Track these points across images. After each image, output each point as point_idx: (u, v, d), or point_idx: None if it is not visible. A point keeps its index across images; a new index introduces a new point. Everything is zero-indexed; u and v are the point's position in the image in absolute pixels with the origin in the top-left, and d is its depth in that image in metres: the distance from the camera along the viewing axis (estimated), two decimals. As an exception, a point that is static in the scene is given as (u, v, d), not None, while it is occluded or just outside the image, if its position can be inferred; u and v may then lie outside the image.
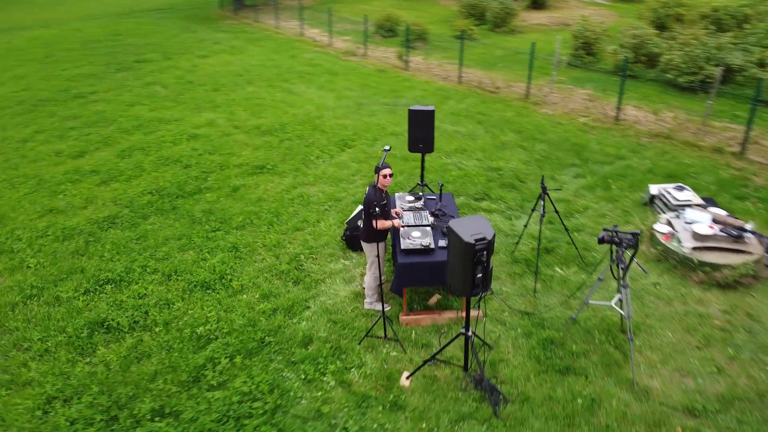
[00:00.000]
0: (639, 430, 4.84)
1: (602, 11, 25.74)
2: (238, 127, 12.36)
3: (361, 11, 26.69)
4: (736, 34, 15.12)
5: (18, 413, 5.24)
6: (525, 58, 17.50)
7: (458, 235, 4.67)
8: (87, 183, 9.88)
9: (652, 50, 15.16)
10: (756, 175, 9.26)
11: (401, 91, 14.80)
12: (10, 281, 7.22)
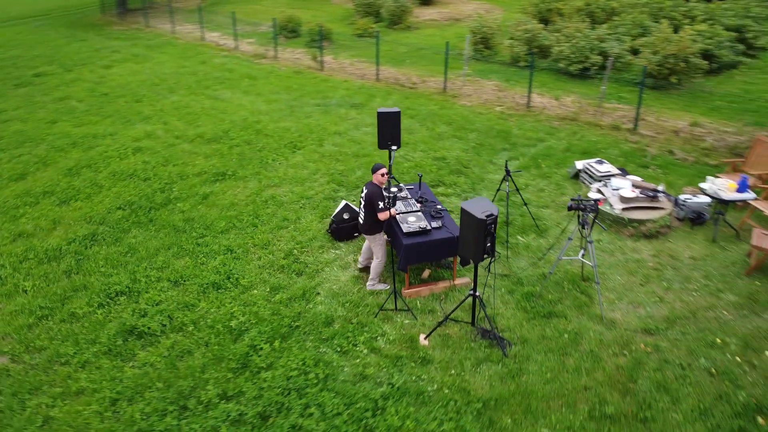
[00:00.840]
0: (614, 351, 6.27)
1: (485, 6, 27.90)
2: (180, 137, 12.63)
3: (252, 12, 26.97)
4: (610, 25, 17.53)
5: (85, 418, 5.68)
6: (428, 54, 19.02)
7: (471, 213, 5.80)
8: (45, 204, 9.88)
9: (543, 43, 17.18)
10: (649, 146, 11.27)
11: (326, 92, 15.63)
12: (12, 305, 7.37)
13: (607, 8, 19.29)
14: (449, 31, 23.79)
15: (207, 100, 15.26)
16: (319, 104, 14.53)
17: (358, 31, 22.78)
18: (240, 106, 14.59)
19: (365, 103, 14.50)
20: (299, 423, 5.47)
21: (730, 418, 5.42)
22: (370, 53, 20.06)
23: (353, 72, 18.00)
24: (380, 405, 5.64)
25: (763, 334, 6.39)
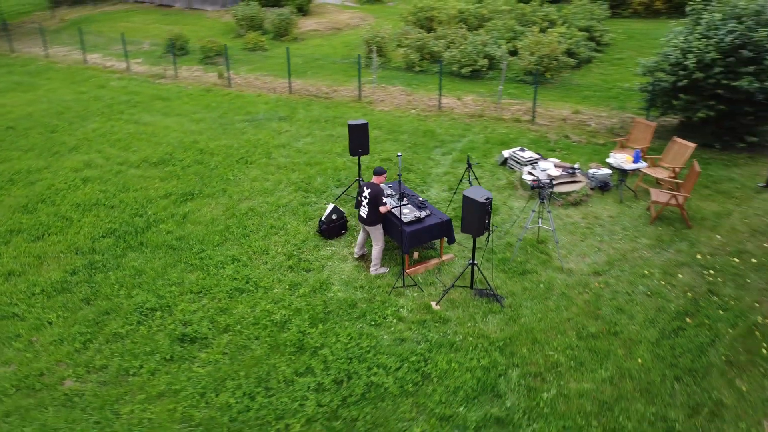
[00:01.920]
0: (579, 291, 8.28)
1: (358, 14, 29.74)
2: (124, 164, 12.92)
3: (123, 30, 26.45)
4: (486, 30, 20.12)
5: (182, 412, 6.54)
6: (325, 64, 20.38)
7: (473, 198, 7.46)
8: (19, 242, 9.98)
9: (433, 49, 19.34)
10: (548, 134, 13.72)
11: (246, 108, 16.45)
12: (46, 337, 7.78)
13: (478, 15, 21.95)
14: (335, 40, 25.30)
15: (129, 124, 15.42)
16: (247, 120, 15.36)
17: (249, 45, 23.49)
18: (168, 128, 14.98)
19: (291, 116, 15.59)
20: (371, 380, 6.79)
21: (669, 321, 7.63)
22: (268, 66, 21.01)
23: (262, 86, 18.87)
24: (426, 356, 7.12)
25: (674, 263, 8.77)
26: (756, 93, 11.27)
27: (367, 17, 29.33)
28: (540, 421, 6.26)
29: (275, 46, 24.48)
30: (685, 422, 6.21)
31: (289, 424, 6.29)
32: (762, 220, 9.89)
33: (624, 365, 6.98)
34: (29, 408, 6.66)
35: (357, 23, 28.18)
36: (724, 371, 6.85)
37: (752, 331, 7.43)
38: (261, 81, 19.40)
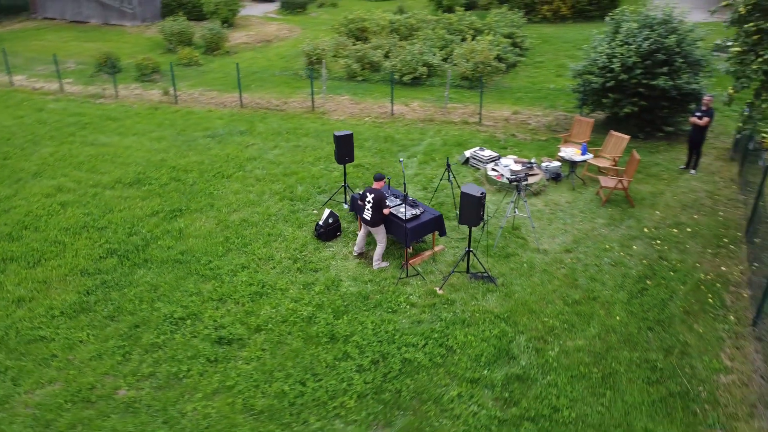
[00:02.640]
0: (556, 267, 9.67)
1: (285, 26, 30.36)
2: (97, 186, 13.07)
3: (38, 49, 25.73)
4: (418, 39, 21.51)
5: (242, 403, 7.25)
6: (265, 76, 20.98)
7: (470, 194, 8.66)
8: (16, 269, 10.09)
9: (373, 59, 20.48)
10: (496, 134, 15.23)
11: (203, 124, 16.83)
12: (83, 353, 8.16)
13: (408, 25, 23.34)
14: (268, 52, 25.89)
15: (86, 147, 15.41)
16: (209, 136, 15.78)
17: (184, 61, 23.58)
18: (130, 148, 15.14)
19: (251, 129, 16.19)
20: (404, 357, 7.79)
21: (634, 284, 9.18)
22: (208, 82, 21.32)
23: (209, 102, 19.22)
24: (445, 333, 8.22)
25: (627, 237, 10.40)
26: (670, 90, 13.27)
27: (294, 29, 30.03)
28: (551, 373, 7.53)
29: (208, 60, 24.72)
30: (662, 361, 7.70)
31: (343, 401, 7.18)
32: (688, 196, 11.81)
33: (606, 323, 8.42)
34: (91, 418, 7.11)
35: (285, 35, 28.83)
36: (684, 319, 8.45)
37: (698, 286, 9.12)
38: (206, 96, 19.73)
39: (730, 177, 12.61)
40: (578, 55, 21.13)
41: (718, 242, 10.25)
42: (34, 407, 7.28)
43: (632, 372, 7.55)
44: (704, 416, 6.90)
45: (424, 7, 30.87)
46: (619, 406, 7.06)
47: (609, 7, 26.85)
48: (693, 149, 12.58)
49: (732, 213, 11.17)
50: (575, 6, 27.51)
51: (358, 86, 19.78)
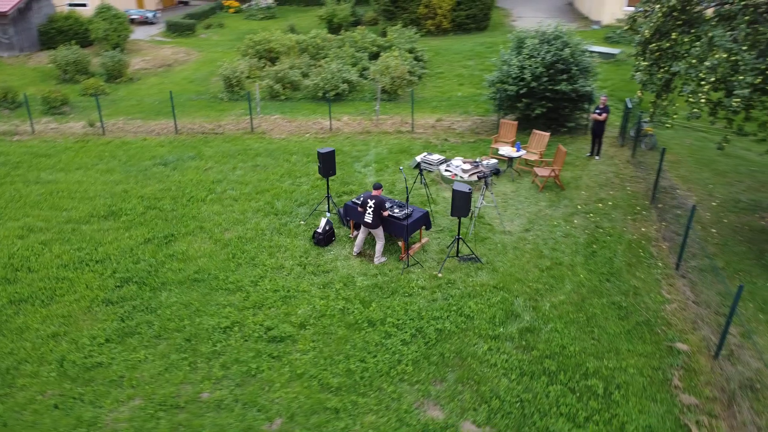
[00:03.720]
0: (523, 243, 11.90)
1: (180, 49, 30.36)
2: (71, 222, 13.24)
3: None
4: (332, 58, 23.10)
5: (319, 383, 8.56)
6: (182, 101, 21.41)
7: (460, 190, 10.59)
8: (31, 309, 10.36)
9: (293, 79, 21.78)
10: (430, 139, 17.33)
11: (145, 152, 17.12)
12: (152, 369, 8.94)
13: (315, 45, 24.85)
14: (174, 77, 26.07)
15: (32, 186, 15.22)
16: (161, 164, 16.24)
17: (90, 91, 23.19)
18: (83, 183, 15.21)
19: (200, 154, 16.86)
20: (436, 328, 9.51)
21: (585, 249, 11.63)
22: (124, 110, 21.29)
23: (137, 131, 19.38)
24: (459, 304, 10.04)
25: (567, 214, 12.91)
26: (570, 93, 16.20)
27: (190, 51, 30.20)
28: (550, 323, 9.65)
29: (113, 88, 24.44)
30: (624, 302, 10.14)
31: (402, 368, 8.74)
32: (600, 177, 14.69)
33: (574, 280, 10.75)
34: (188, 419, 8.03)
35: (183, 58, 28.98)
36: (628, 270, 11.02)
37: (630, 244, 11.80)
38: (132, 125, 19.84)
39: (626, 159, 15.76)
40: (470, 65, 24.07)
41: (633, 210, 13.11)
42: (127, 421, 8.02)
43: (606, 312, 9.89)
44: (664, 334, 9.38)
45: (316, 25, 32.44)
46: (605, 337, 9.34)
47: (483, 20, 30.40)
48: (595, 139, 15.55)
49: (636, 187, 14.18)
50: (455, 20, 30.63)
51: (284, 105, 20.97)
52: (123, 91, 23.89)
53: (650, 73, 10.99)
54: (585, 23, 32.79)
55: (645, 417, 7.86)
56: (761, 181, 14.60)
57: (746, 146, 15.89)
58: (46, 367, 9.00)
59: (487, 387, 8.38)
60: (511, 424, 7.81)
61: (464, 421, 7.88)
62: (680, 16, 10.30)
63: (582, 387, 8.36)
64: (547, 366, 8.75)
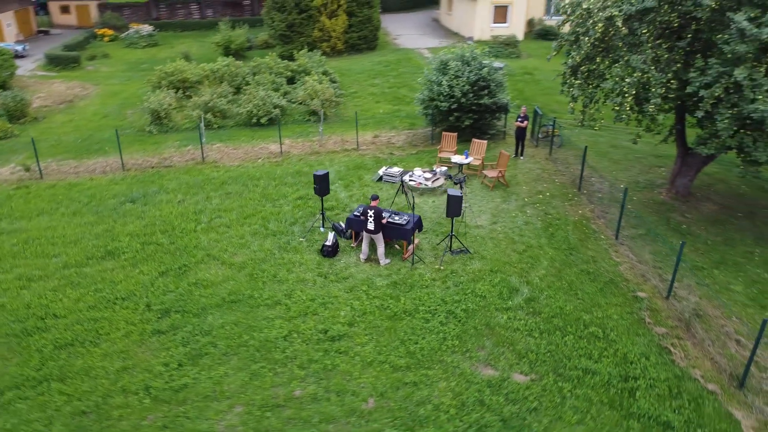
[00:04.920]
0: (495, 234, 14.39)
1: (74, 83, 29.27)
2: (69, 267, 13.39)
3: None
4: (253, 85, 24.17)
5: (388, 366, 10.30)
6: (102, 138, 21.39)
7: (455, 195, 12.84)
8: (82, 351, 10.88)
9: (222, 107, 22.62)
10: (377, 154, 19.35)
11: (103, 192, 17.10)
12: (236, 383, 10.08)
13: (230, 73, 25.70)
14: (83, 113, 25.49)
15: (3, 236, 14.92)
16: (128, 201, 16.52)
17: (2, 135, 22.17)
18: (53, 229, 15.12)
19: (163, 187, 17.34)
20: (461, 309, 11.63)
21: (544, 231, 14.41)
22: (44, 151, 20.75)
23: (76, 171, 19.16)
24: (470, 288, 12.23)
25: (519, 206, 15.65)
26: (491, 105, 19.15)
27: (86, 86, 29.38)
28: (544, 292, 12.17)
29: (21, 129, 23.48)
30: (589, 267, 12.98)
31: (450, 342, 10.73)
32: (531, 174, 17.72)
33: (547, 257, 13.43)
34: (295, 413, 9.37)
35: (82, 93, 28.19)
36: (581, 244, 13.95)
37: (576, 224, 14.80)
38: (67, 166, 19.56)
39: (545, 157, 19.02)
40: (378, 84, 26.46)
41: (567, 197, 16.22)
42: (241, 425, 9.18)
43: (580, 278, 12.66)
44: (627, 288, 12.33)
45: (212, 52, 32.93)
46: (587, 296, 12.07)
47: (373, 41, 33.01)
48: (518, 143, 18.61)
49: (562, 179, 17.39)
50: (348, 41, 32.87)
51: (220, 134, 21.75)
52: (33, 132, 22.98)
53: (582, 89, 14.04)
54: (458, 39, 36.72)
55: (637, 347, 10.60)
56: (647, 165, 18.56)
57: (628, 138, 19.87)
58: (134, 397, 9.73)
59: (520, 346, 10.66)
60: (548, 368, 10.15)
61: (514, 373, 10.08)
62: (601, 45, 13.42)
63: (587, 334, 10.94)
64: (556, 323, 11.23)
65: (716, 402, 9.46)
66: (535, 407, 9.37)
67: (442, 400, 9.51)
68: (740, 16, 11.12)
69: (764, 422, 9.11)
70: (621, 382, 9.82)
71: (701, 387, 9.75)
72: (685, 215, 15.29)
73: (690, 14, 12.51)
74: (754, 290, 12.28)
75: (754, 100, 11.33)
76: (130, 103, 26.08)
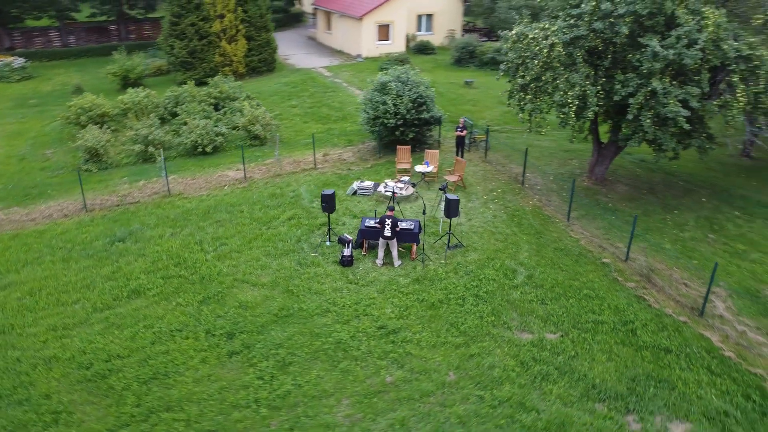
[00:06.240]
0: (475, 229, 17.03)
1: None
2: (98, 310, 13.60)
3: None
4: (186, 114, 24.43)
5: (450, 348, 12.45)
6: (39, 180, 20.82)
7: (452, 199, 15.25)
8: (160, 385, 11.70)
9: (163, 139, 22.79)
10: (337, 171, 21.07)
11: (80, 236, 16.83)
12: (328, 384, 11.60)
13: (151, 104, 25.62)
14: None
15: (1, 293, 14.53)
16: (116, 241, 16.61)
17: None
18: (54, 277, 14.91)
19: (144, 223, 17.57)
20: (483, 290, 14.05)
21: (512, 222, 17.35)
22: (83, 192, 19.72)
23: (31, 219, 18.51)
24: (481, 274, 14.73)
25: (482, 203, 18.43)
26: (429, 119, 21.86)
27: None
28: (537, 269, 14.99)
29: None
30: (559, 245, 16.10)
31: (488, 318, 13.12)
32: (477, 175, 20.65)
33: (523, 241, 16.34)
34: (397, 393, 11.16)
35: None
36: (544, 227, 17.07)
37: (533, 213, 17.94)
38: (18, 215, 18.79)
39: (482, 160, 22.11)
40: (296, 104, 28.06)
41: (515, 192, 19.37)
42: (356, 411, 10.79)
43: (556, 254, 15.71)
44: (593, 257, 15.60)
45: (109, 82, 31.90)
46: (568, 268, 15.11)
47: (272, 63, 34.30)
48: (458, 149, 21.49)
49: (504, 177, 20.54)
50: (249, 65, 33.75)
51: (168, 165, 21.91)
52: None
53: (533, 102, 17.20)
54: (346, 57, 39.14)
55: (620, 300, 13.79)
56: (562, 159, 22.44)
57: (538, 139, 23.69)
58: (248, 410, 10.82)
59: (540, 312, 13.35)
60: (569, 326, 12.94)
61: (546, 333, 12.74)
62: (545, 66, 16.65)
63: (583, 296, 13.95)
64: (557, 292, 14.10)
65: (689, 328, 12.88)
66: (573, 355, 12.06)
67: (505, 362, 11.85)
68: (654, 41, 14.82)
69: (725, 336, 12.67)
70: (623, 326, 12.88)
71: (676, 320, 13.13)
72: (608, 196, 19.15)
73: (610, 40, 16.11)
74: (679, 246, 16.20)
75: (667, 104, 15.11)
76: (43, 143, 24.89)
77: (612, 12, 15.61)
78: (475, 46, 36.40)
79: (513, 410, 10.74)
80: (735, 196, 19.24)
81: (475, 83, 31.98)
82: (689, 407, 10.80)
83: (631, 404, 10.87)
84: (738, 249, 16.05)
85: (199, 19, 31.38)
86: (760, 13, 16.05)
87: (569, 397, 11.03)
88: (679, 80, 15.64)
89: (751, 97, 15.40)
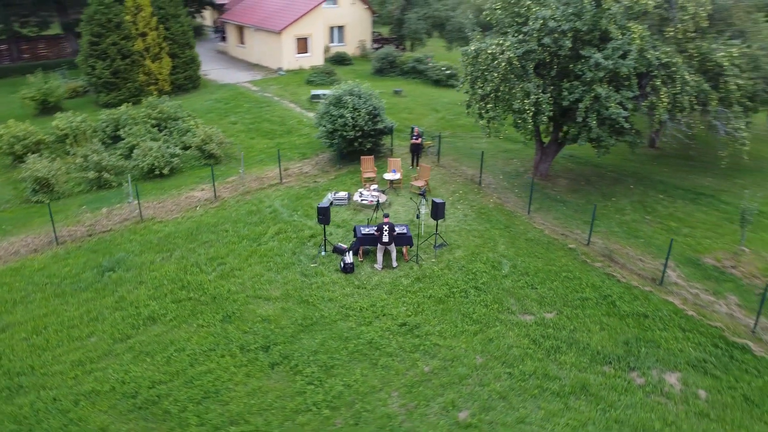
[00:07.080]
0: (452, 229, 18.69)
1: None
2: (120, 340, 13.73)
3: None
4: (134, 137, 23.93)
5: (479, 337, 13.95)
6: None
7: (437, 202, 16.79)
8: (224, 399, 12.25)
9: (116, 164, 22.30)
10: (304, 185, 21.83)
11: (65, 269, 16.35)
12: (397, 382, 12.70)
13: (89, 129, 24.80)
14: None
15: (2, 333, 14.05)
16: (107, 270, 16.38)
17: None
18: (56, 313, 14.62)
19: (130, 250, 17.43)
20: (480, 282, 15.69)
21: (482, 219, 19.21)
22: None
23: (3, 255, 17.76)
24: (473, 269, 16.36)
25: (451, 204, 20.11)
26: (383, 129, 23.27)
27: None
28: (519, 258, 16.91)
29: None
30: (528, 236, 18.16)
31: (492, 306, 14.78)
32: (435, 179, 22.28)
33: (497, 235, 18.22)
34: (439, 379, 12.48)
35: None
36: (512, 221, 19.05)
37: (497, 209, 19.91)
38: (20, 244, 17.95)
39: (436, 165, 23.82)
40: (236, 121, 28.38)
41: (475, 192, 21.26)
42: (409, 400, 12.00)
43: (529, 244, 17.73)
44: (560, 244, 17.81)
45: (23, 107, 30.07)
46: (542, 255, 17.17)
47: (197, 80, 34.11)
48: (414, 156, 23.07)
49: (461, 179, 22.38)
50: (174, 82, 33.23)
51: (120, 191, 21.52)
52: None
53: (494, 110, 19.13)
54: (268, 71, 39.50)
55: (594, 278, 16.03)
56: (503, 159, 24.73)
57: (478, 141, 25.85)
58: (310, 413, 11.67)
59: (533, 296, 15.23)
60: (560, 305, 14.90)
61: (544, 313, 14.62)
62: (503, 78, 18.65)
63: (563, 278, 16.02)
64: (541, 276, 16.08)
65: (655, 296, 15.31)
66: (573, 329, 14.03)
67: (520, 342, 13.55)
68: (598, 54, 17.26)
69: (684, 299, 15.22)
70: (603, 300, 15.07)
71: (643, 290, 15.53)
72: (554, 189, 21.59)
73: (555, 53, 18.42)
74: (624, 228, 18.84)
75: (609, 106, 17.62)
76: None
77: (557, 28, 17.87)
78: (395, 56, 38.20)
79: (540, 381, 12.43)
80: (655, 182, 22.43)
81: (403, 92, 33.72)
82: (676, 359, 13.07)
83: (632, 363, 12.95)
84: (671, 226, 18.96)
85: (121, 38, 30.49)
86: (671, 26, 19.05)
87: (581, 364, 12.91)
88: (613, 86, 18.23)
89: (671, 98, 18.29)
